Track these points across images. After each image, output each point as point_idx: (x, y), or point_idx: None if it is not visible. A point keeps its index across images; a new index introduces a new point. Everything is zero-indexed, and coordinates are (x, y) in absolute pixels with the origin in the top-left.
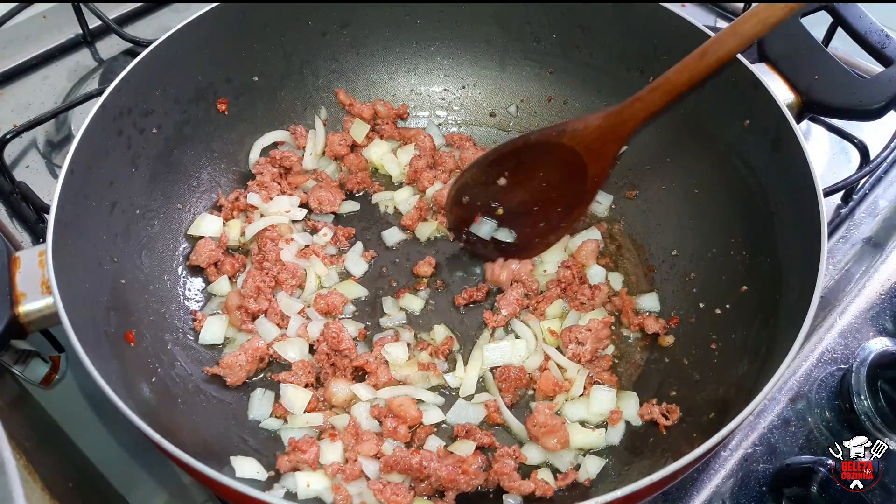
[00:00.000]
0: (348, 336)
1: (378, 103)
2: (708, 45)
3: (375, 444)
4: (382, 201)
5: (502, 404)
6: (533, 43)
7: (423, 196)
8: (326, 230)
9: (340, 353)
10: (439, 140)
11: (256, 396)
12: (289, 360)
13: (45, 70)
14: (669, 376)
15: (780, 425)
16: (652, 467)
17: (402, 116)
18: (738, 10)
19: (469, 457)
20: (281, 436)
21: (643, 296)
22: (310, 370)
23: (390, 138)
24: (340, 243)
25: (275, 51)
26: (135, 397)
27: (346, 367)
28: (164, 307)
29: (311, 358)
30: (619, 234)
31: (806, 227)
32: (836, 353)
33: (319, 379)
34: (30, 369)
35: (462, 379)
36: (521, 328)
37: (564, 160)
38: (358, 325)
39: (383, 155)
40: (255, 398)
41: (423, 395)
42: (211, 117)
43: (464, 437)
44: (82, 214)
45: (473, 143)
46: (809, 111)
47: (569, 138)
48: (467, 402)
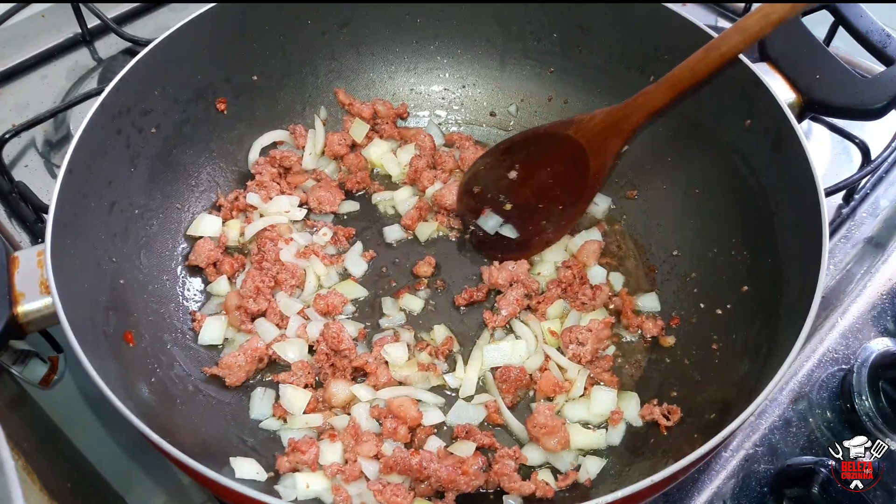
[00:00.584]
0: (348, 336)
1: (378, 103)
2: (713, 41)
3: (375, 445)
4: (382, 201)
5: (502, 405)
6: (533, 42)
7: (422, 196)
8: (326, 230)
9: (340, 353)
10: (439, 140)
11: (257, 396)
12: (288, 360)
13: (43, 69)
14: (670, 377)
15: (782, 426)
16: (653, 468)
17: (402, 116)
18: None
19: (469, 458)
20: (280, 436)
21: (643, 296)
22: (309, 371)
23: (390, 138)
24: (340, 243)
25: (274, 50)
26: (134, 398)
27: (346, 368)
28: (163, 307)
29: (311, 358)
30: (619, 234)
31: (807, 227)
32: (838, 353)
33: (319, 379)
34: (28, 370)
35: (462, 379)
36: (522, 328)
37: (569, 154)
38: (357, 325)
39: (383, 154)
40: (255, 398)
41: (423, 396)
42: (210, 117)
43: (464, 438)
44: (81, 214)
45: (474, 142)
46: (811, 111)
47: (574, 130)
48: (467, 402)
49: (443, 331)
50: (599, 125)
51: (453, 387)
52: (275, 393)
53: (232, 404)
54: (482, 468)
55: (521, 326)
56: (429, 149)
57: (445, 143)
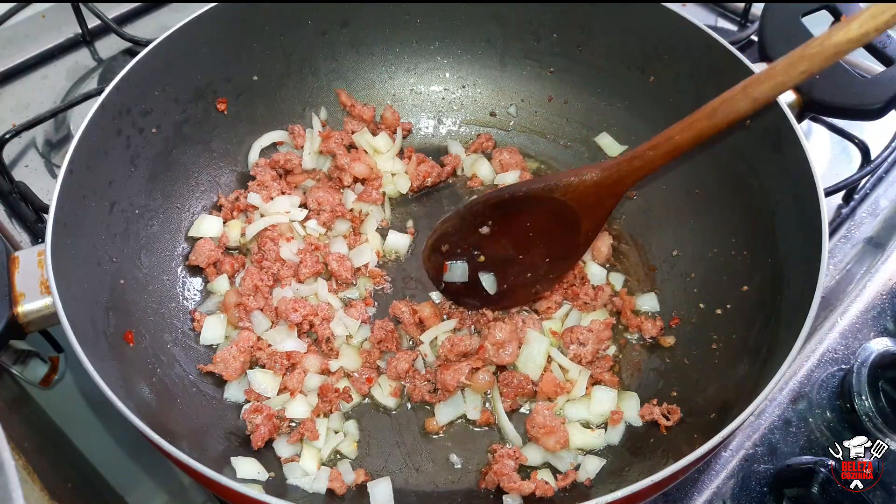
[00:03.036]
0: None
1: (388, 110)
2: (718, 104)
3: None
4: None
5: (502, 411)
6: (533, 42)
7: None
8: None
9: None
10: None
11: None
12: (276, 348)
13: (44, 69)
14: (670, 377)
15: (781, 426)
16: (653, 468)
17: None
18: (738, 10)
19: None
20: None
21: (642, 296)
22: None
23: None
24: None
25: (274, 50)
26: (134, 398)
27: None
28: (164, 307)
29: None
30: (619, 233)
31: (807, 227)
32: (837, 353)
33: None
34: (29, 369)
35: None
36: (531, 334)
37: (555, 212)
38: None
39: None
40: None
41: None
42: (210, 117)
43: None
44: (81, 214)
45: (495, 144)
46: (810, 111)
47: (562, 193)
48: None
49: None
50: (592, 188)
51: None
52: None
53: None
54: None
55: (531, 332)
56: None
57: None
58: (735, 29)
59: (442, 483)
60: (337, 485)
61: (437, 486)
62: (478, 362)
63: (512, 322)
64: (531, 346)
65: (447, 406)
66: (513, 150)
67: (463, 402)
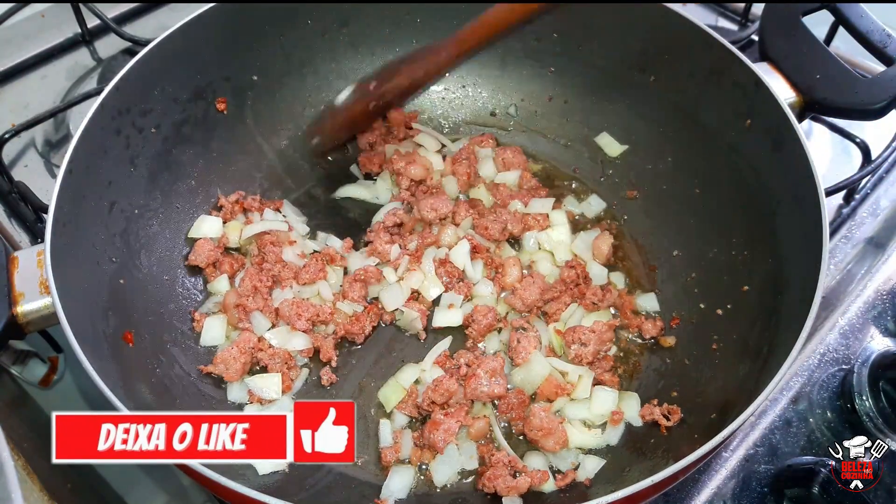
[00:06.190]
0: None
1: (393, 111)
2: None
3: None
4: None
5: (497, 430)
6: (533, 42)
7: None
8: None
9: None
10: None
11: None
12: (274, 346)
13: (43, 69)
14: (671, 377)
15: (782, 426)
16: (653, 468)
17: (408, 125)
18: (739, 10)
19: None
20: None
21: (642, 296)
22: (288, 358)
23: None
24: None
25: (274, 50)
26: (133, 398)
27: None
28: (163, 307)
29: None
30: (620, 233)
31: (807, 227)
32: (838, 353)
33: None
34: (28, 370)
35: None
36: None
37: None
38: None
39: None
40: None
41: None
42: (210, 117)
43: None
44: (81, 214)
45: (496, 143)
46: (811, 110)
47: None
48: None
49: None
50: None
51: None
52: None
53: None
54: None
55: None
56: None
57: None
58: (735, 28)
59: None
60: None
61: (437, 487)
62: (464, 409)
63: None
64: (532, 368)
65: (442, 465)
66: (516, 150)
67: (458, 454)
